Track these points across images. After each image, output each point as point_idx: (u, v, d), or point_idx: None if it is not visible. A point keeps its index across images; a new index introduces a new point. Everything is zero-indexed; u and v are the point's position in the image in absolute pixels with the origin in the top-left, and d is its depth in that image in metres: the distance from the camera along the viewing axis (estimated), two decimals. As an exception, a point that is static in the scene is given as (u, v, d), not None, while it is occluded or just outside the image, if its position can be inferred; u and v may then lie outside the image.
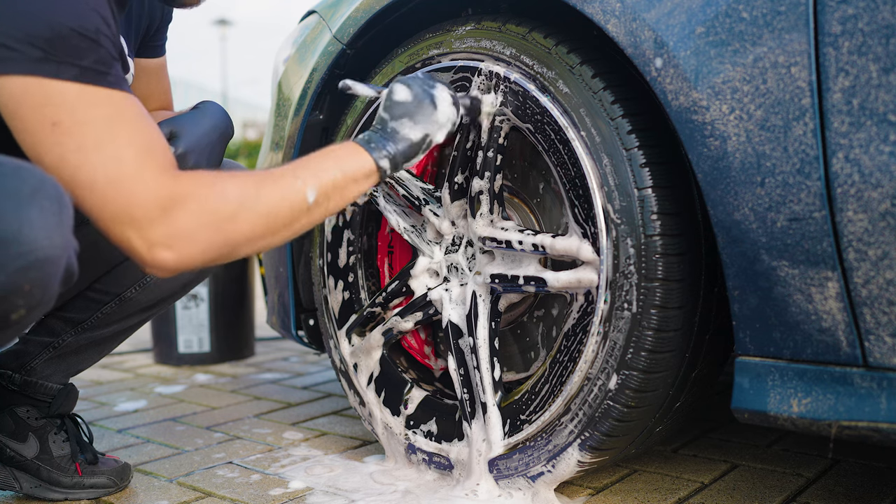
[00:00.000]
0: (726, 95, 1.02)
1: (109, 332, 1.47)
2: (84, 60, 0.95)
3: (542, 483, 1.30)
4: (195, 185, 0.98)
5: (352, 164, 1.13)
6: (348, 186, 1.13)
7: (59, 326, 1.43)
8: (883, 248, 0.93)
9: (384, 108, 1.22)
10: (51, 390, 1.44)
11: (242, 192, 1.01)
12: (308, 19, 1.72)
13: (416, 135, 1.20)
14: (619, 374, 1.18)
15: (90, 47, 0.95)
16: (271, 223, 1.04)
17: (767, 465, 1.47)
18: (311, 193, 1.07)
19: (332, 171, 1.10)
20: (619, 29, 1.11)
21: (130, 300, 1.44)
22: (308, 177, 1.08)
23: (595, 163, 1.19)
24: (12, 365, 1.42)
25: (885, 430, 0.96)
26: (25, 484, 1.41)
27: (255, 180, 1.04)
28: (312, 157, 1.13)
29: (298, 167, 1.09)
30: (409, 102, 1.21)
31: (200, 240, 0.97)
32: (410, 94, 1.21)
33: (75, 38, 0.94)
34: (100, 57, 0.96)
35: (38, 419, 1.42)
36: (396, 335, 1.51)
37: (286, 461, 1.60)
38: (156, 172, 0.96)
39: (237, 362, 2.69)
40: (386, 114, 1.21)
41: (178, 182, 0.97)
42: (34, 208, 0.85)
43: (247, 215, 1.01)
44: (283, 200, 1.05)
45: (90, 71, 0.95)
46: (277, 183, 1.05)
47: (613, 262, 1.17)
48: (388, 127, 1.20)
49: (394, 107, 1.21)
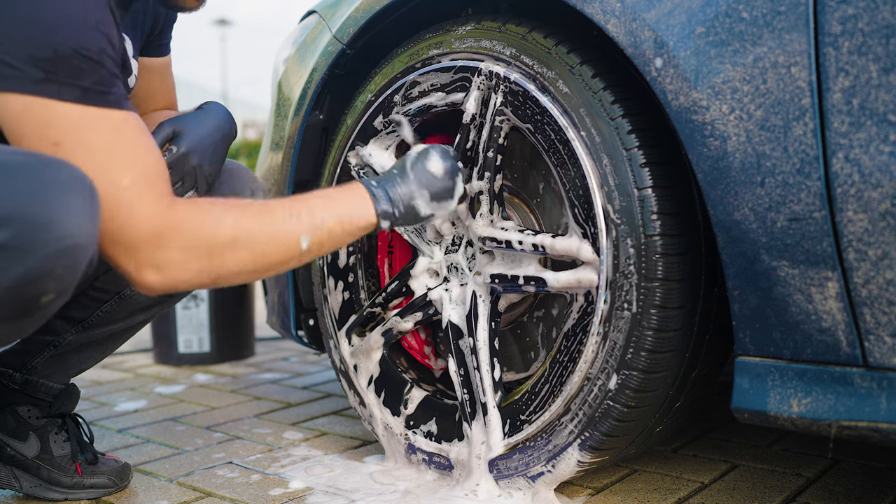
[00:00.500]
0: (726, 95, 1.02)
1: (110, 332, 1.47)
2: (85, 81, 0.96)
3: (542, 483, 1.30)
4: (189, 214, 1.01)
5: (355, 216, 1.15)
6: (344, 239, 1.15)
7: (59, 325, 1.43)
8: (883, 248, 0.93)
9: (411, 166, 1.23)
10: (52, 389, 1.44)
11: (236, 228, 1.03)
12: (308, 19, 1.72)
13: (425, 211, 1.23)
14: (619, 374, 1.18)
15: (92, 68, 0.96)
16: (260, 262, 1.06)
17: (767, 465, 1.47)
18: (305, 241, 1.09)
19: (330, 222, 1.12)
20: (619, 29, 1.11)
21: (130, 298, 1.44)
22: (306, 223, 1.09)
23: (595, 163, 1.19)
24: (13, 364, 1.42)
25: (885, 430, 0.96)
26: (25, 483, 1.41)
27: (250, 216, 1.05)
28: (317, 200, 1.13)
29: (299, 208, 1.10)
30: (438, 179, 1.24)
31: (189, 269, 1.01)
32: (442, 172, 1.24)
33: (77, 58, 0.95)
34: (101, 77, 0.98)
35: (40, 419, 1.42)
36: (396, 335, 1.51)
37: (286, 461, 1.60)
38: (152, 199, 0.99)
39: (237, 362, 2.69)
40: (413, 173, 1.23)
41: (173, 211, 1.00)
42: (71, 197, 0.89)
43: (237, 252, 1.03)
44: (276, 244, 1.07)
45: (91, 92, 0.96)
46: (273, 224, 1.06)
47: (613, 262, 1.17)
48: (406, 189, 1.21)
49: (421, 174, 1.23)
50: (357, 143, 1.52)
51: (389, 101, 1.47)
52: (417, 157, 1.25)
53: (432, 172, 1.23)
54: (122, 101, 1.01)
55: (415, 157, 1.25)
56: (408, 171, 1.23)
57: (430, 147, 1.27)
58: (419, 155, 1.25)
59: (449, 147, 1.31)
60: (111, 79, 0.99)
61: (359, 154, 1.52)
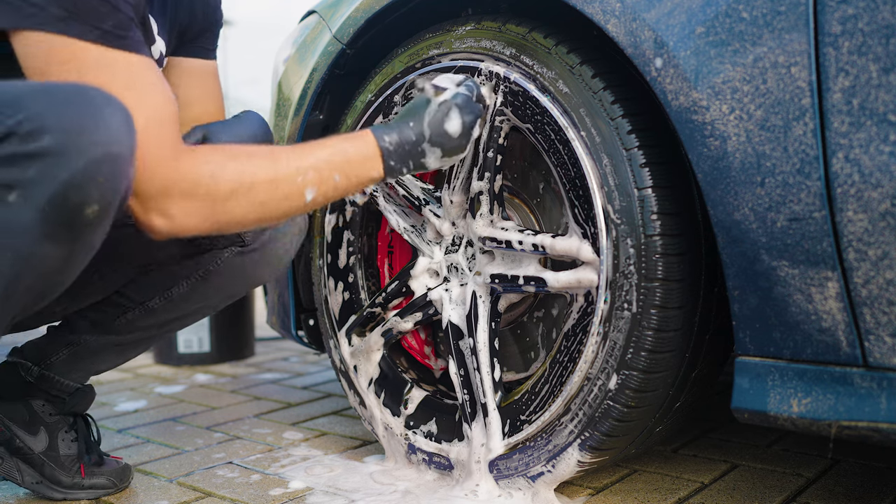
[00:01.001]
0: (726, 95, 1.02)
1: (131, 340, 1.47)
2: (105, 23, 0.98)
3: (542, 483, 1.30)
4: (194, 165, 1.03)
5: (362, 170, 1.14)
6: (349, 190, 1.14)
7: (81, 325, 1.43)
8: (883, 248, 0.93)
9: (430, 121, 1.18)
10: (67, 387, 1.44)
11: (240, 178, 1.04)
12: (308, 19, 1.72)
13: (433, 166, 1.20)
14: (619, 374, 1.18)
15: (110, 11, 0.99)
16: (262, 212, 1.07)
17: (767, 465, 1.47)
18: (309, 193, 1.09)
19: (336, 175, 1.11)
20: (619, 29, 1.11)
21: (154, 310, 1.44)
22: (311, 176, 1.09)
23: (595, 163, 1.19)
24: (33, 357, 1.43)
25: (885, 430, 0.96)
26: (27, 478, 1.41)
27: (254, 165, 1.06)
28: (323, 151, 1.12)
29: (305, 162, 1.09)
30: (455, 139, 1.19)
31: (193, 215, 1.03)
32: (460, 132, 1.20)
33: (97, 1, 0.97)
34: (119, 21, 1.00)
35: (52, 415, 1.42)
36: (396, 335, 1.51)
37: (286, 461, 1.60)
38: (160, 146, 1.01)
39: (237, 362, 2.69)
40: (429, 129, 1.18)
41: (179, 161, 1.02)
42: (109, 109, 0.92)
43: (240, 201, 1.05)
44: (279, 195, 1.07)
45: (110, 34, 0.99)
46: (277, 175, 1.07)
47: (613, 262, 1.17)
48: (419, 147, 1.18)
49: (437, 130, 1.18)
50: (357, 143, 1.51)
51: (389, 102, 1.47)
52: (437, 109, 1.19)
53: (449, 133, 1.19)
54: (140, 46, 1.03)
55: (434, 110, 1.19)
56: (424, 125, 1.18)
57: (454, 97, 1.21)
58: (440, 107, 1.19)
59: (474, 86, 1.25)
60: (129, 23, 1.01)
61: (359, 154, 1.51)
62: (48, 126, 0.88)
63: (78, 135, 0.88)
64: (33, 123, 0.88)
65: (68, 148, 0.88)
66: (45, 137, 0.87)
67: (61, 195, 0.89)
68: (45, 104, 0.89)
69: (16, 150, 0.87)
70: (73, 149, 0.88)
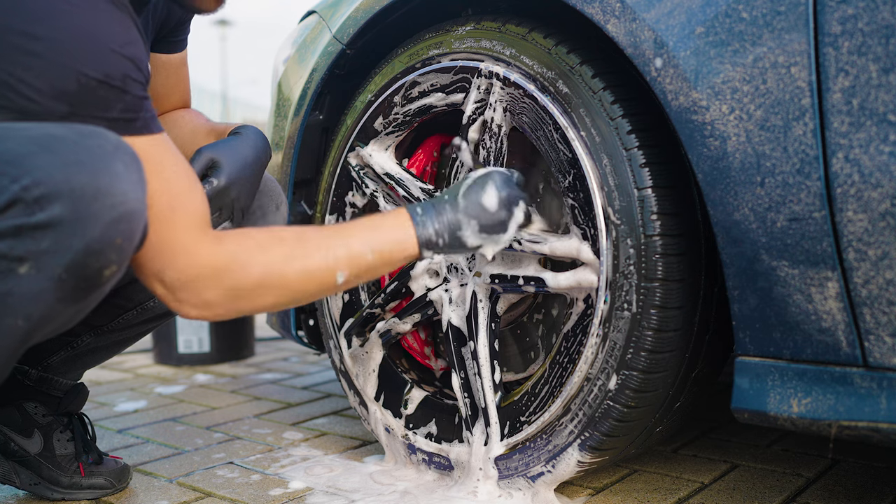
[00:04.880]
0: (726, 95, 1.02)
1: (126, 336, 1.48)
2: (111, 111, 0.93)
3: (542, 483, 1.30)
4: (219, 255, 0.99)
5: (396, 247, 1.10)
6: (383, 269, 1.11)
7: (79, 328, 1.43)
8: (883, 248, 0.93)
9: (465, 193, 1.15)
10: (63, 386, 1.44)
11: (268, 267, 1.01)
12: (308, 19, 1.72)
13: (472, 242, 1.15)
14: (618, 374, 1.18)
15: (118, 97, 0.93)
16: (292, 297, 1.06)
17: (767, 465, 1.47)
18: (341, 276, 1.06)
19: (369, 255, 1.07)
20: (619, 29, 1.11)
21: (151, 309, 1.45)
22: (342, 257, 1.05)
23: (595, 163, 1.19)
24: (30, 360, 1.42)
25: (885, 430, 0.96)
26: (25, 480, 1.41)
27: (281, 256, 1.03)
28: (356, 230, 1.09)
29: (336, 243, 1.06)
30: (491, 212, 1.14)
31: (220, 305, 1.01)
32: (496, 205, 1.15)
33: (102, 89, 0.92)
34: (126, 105, 0.95)
35: (46, 416, 1.42)
36: (396, 336, 1.51)
37: (286, 461, 1.60)
38: (187, 231, 0.97)
39: (237, 362, 2.69)
40: (464, 201, 1.14)
41: (207, 248, 0.99)
42: (119, 163, 0.86)
43: (267, 292, 1.03)
44: (309, 281, 1.05)
45: (118, 121, 0.94)
46: (307, 261, 1.04)
47: (613, 262, 1.17)
48: (454, 218, 1.13)
49: (473, 203, 1.14)
50: (357, 143, 1.52)
51: (389, 102, 1.46)
52: (473, 184, 1.16)
53: (485, 206, 1.14)
54: (152, 123, 0.98)
55: (469, 184, 1.16)
56: (459, 198, 1.15)
57: (488, 174, 1.18)
58: (475, 182, 1.16)
59: (513, 172, 1.21)
60: (138, 102, 0.96)
61: (359, 154, 1.52)
62: (58, 192, 0.82)
63: (91, 200, 0.83)
64: (40, 189, 0.81)
65: (82, 215, 0.83)
66: (55, 206, 0.81)
67: (80, 263, 0.84)
68: (51, 164, 0.82)
69: (24, 222, 0.81)
70: (88, 216, 0.83)
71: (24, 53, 0.88)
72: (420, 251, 1.12)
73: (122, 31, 0.95)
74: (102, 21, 0.93)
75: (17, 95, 0.89)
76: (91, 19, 0.92)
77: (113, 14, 0.95)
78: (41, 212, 0.81)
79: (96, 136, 0.87)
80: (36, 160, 0.82)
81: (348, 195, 1.56)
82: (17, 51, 0.88)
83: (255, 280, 1.01)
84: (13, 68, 0.88)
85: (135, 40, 0.97)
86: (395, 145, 1.50)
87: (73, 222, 0.82)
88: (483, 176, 1.17)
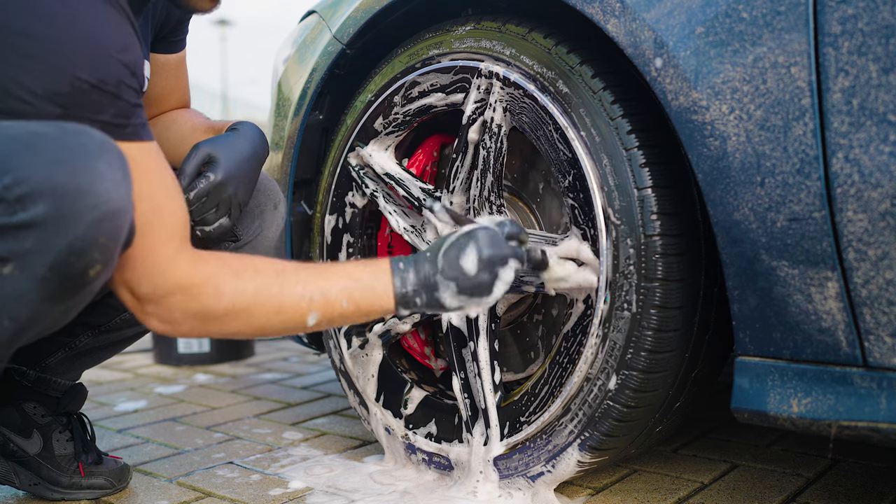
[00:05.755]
0: (726, 95, 1.02)
1: (124, 336, 1.47)
2: (103, 115, 0.93)
3: (541, 483, 1.30)
4: (195, 276, 0.98)
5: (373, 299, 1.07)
6: (358, 318, 1.08)
7: (77, 328, 1.43)
8: (883, 248, 0.93)
9: (444, 253, 1.08)
10: (62, 386, 1.44)
11: (236, 297, 1.00)
12: (308, 19, 1.72)
13: (451, 304, 1.08)
14: (618, 374, 1.18)
15: (110, 101, 0.93)
16: (258, 330, 1.04)
17: (767, 465, 1.47)
18: (312, 318, 1.04)
19: (344, 302, 1.05)
20: (619, 29, 1.11)
21: None
22: (317, 300, 1.03)
23: (595, 163, 1.19)
24: (28, 361, 1.42)
25: (885, 430, 0.96)
26: (25, 480, 1.40)
27: (258, 285, 1.01)
28: (335, 276, 1.06)
29: (313, 286, 1.04)
30: (470, 275, 1.07)
31: (185, 324, 1.00)
32: (476, 267, 1.07)
33: (95, 93, 0.91)
34: (119, 109, 0.94)
35: (45, 416, 1.42)
36: (395, 336, 1.51)
37: (286, 461, 1.60)
38: (164, 244, 0.96)
39: (237, 362, 2.69)
40: (443, 260, 1.08)
41: (179, 266, 0.98)
42: (102, 162, 0.85)
43: (233, 321, 1.01)
44: (280, 315, 1.03)
45: (109, 125, 0.93)
46: (282, 301, 1.02)
47: (613, 262, 1.17)
48: (432, 279, 1.07)
49: (451, 264, 1.07)
50: (357, 143, 1.52)
51: (389, 102, 1.46)
52: (454, 243, 1.09)
53: (463, 268, 1.07)
54: (142, 131, 0.98)
55: (451, 243, 1.09)
56: (439, 258, 1.08)
57: (471, 233, 1.10)
58: (457, 241, 1.09)
59: (504, 224, 1.13)
60: (130, 109, 0.96)
61: (359, 154, 1.52)
62: (40, 191, 0.80)
63: (74, 199, 0.82)
64: (22, 188, 0.80)
65: (65, 214, 0.82)
66: (38, 205, 0.80)
67: (63, 263, 0.83)
68: (33, 161, 0.81)
69: (6, 221, 0.80)
70: (71, 214, 0.82)
71: (21, 54, 0.88)
72: (396, 309, 1.08)
73: (120, 35, 0.95)
74: (101, 25, 0.93)
75: (10, 96, 0.88)
76: (91, 23, 0.92)
77: (112, 18, 0.95)
78: (23, 211, 0.81)
79: (80, 133, 0.86)
80: (18, 159, 0.81)
81: (348, 195, 1.56)
82: (15, 51, 0.88)
83: (225, 307, 1.00)
84: (9, 69, 0.88)
85: (132, 45, 0.96)
86: (395, 145, 1.50)
87: (56, 221, 0.82)
88: (465, 234, 1.10)
